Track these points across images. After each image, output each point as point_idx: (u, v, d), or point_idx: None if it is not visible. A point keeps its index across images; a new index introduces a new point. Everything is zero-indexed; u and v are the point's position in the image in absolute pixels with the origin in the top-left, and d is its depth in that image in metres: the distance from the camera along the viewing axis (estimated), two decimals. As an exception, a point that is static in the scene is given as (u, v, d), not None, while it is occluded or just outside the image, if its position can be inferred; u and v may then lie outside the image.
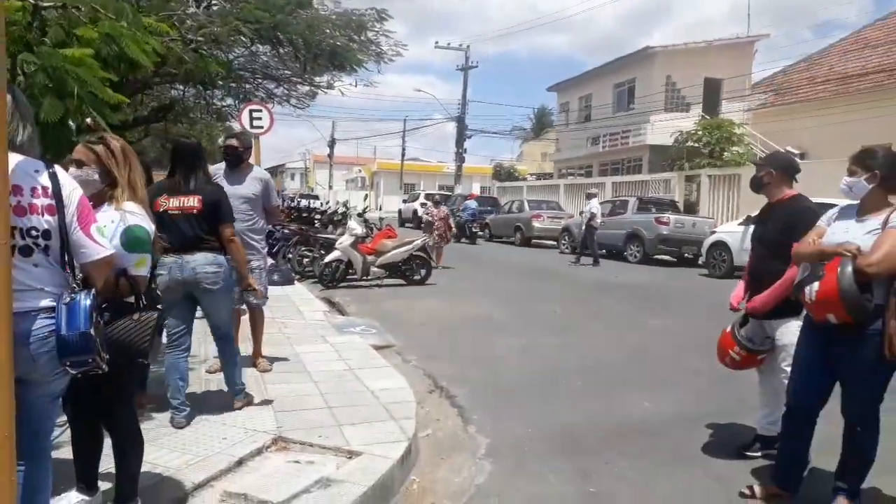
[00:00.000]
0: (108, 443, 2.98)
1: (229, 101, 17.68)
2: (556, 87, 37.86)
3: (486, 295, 11.29)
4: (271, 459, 3.74)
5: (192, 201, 4.25)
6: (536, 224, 22.35)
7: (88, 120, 4.09)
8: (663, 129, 26.68)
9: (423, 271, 12.23)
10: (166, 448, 3.70)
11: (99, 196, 2.80)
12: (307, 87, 17.25)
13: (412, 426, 4.27)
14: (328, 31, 14.91)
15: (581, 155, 34.06)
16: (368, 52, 16.04)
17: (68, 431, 3.06)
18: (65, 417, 2.99)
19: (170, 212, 4.21)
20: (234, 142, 5.40)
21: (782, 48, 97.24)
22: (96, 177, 2.79)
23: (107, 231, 2.63)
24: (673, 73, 29.18)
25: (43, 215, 2.26)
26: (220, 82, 15.13)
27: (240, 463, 3.59)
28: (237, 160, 5.34)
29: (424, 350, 6.98)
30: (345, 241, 11.45)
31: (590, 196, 17.71)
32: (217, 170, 5.34)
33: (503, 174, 41.43)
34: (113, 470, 2.95)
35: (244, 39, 13.56)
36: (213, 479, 3.38)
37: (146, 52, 4.24)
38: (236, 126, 22.84)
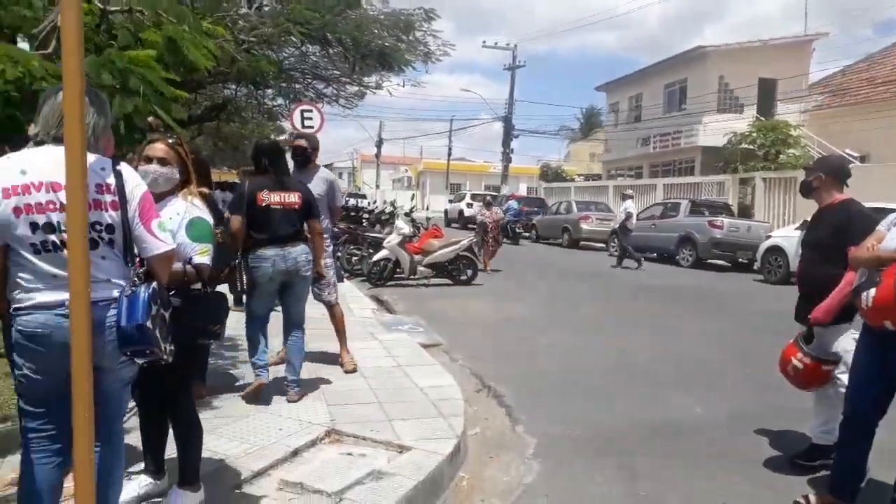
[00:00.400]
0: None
1: (280, 100, 18.05)
2: (605, 87, 37.44)
3: (532, 296, 11.28)
4: (325, 451, 3.83)
5: (294, 197, 4.62)
6: (584, 226, 22.13)
7: (150, 118, 4.25)
8: (716, 130, 26.12)
9: (469, 271, 12.28)
10: (226, 437, 3.83)
11: (169, 190, 2.93)
12: (356, 87, 17.48)
13: (461, 424, 4.32)
14: (376, 31, 15.09)
15: (631, 156, 33.62)
16: (416, 51, 16.17)
17: (135, 418, 3.21)
18: (132, 403, 3.13)
19: (272, 206, 4.54)
20: (302, 142, 5.53)
21: (842, 47, 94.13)
22: (177, 175, 2.93)
23: (171, 223, 2.77)
24: (726, 73, 28.54)
25: (107, 210, 2.36)
26: (272, 82, 15.48)
27: (295, 453, 3.70)
28: (305, 160, 5.48)
29: (471, 349, 7.02)
30: (392, 240, 11.58)
31: (625, 197, 17.59)
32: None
33: (550, 174, 41.17)
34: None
35: (294, 40, 13.82)
36: (270, 467, 3.49)
37: (205, 56, 4.39)
38: (287, 125, 23.30)
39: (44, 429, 2.43)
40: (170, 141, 3.08)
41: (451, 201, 36.16)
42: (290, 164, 5.54)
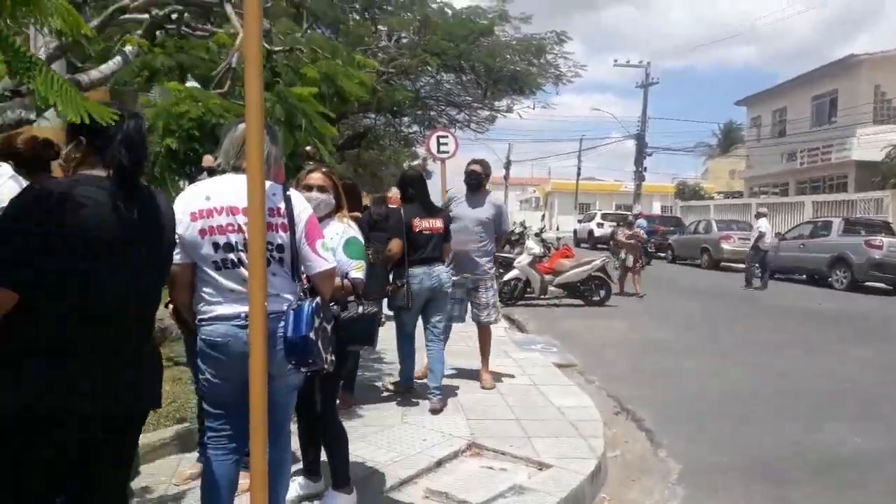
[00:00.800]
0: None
1: (415, 127, 18.80)
2: (746, 101, 35.61)
3: (669, 318, 10.90)
4: (467, 463, 3.94)
5: (438, 223, 5.11)
6: (726, 246, 20.99)
7: (308, 148, 4.62)
8: (872, 143, 24.08)
9: (602, 292, 12.06)
10: (374, 445, 4.04)
11: (326, 214, 3.20)
12: (487, 112, 17.88)
13: (601, 445, 4.28)
14: (508, 56, 15.39)
15: (775, 171, 31.67)
16: (547, 74, 16.30)
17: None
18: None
19: (424, 231, 5.02)
20: (476, 167, 5.72)
21: None
22: (333, 200, 3.20)
23: (332, 243, 3.03)
24: (882, 81, 26.29)
25: (278, 232, 2.61)
26: (408, 110, 16.16)
27: (439, 464, 3.84)
28: (478, 184, 5.67)
29: (606, 371, 6.91)
30: (523, 259, 11.62)
31: (759, 215, 16.68)
32: (458, 193, 5.85)
33: (687, 192, 39.60)
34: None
35: (430, 69, 14.40)
36: (416, 476, 3.65)
37: (358, 86, 4.73)
38: (421, 151, 24.01)
39: (222, 429, 2.67)
40: (323, 170, 3.35)
41: (580, 221, 35.64)
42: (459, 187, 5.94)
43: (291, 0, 9.45)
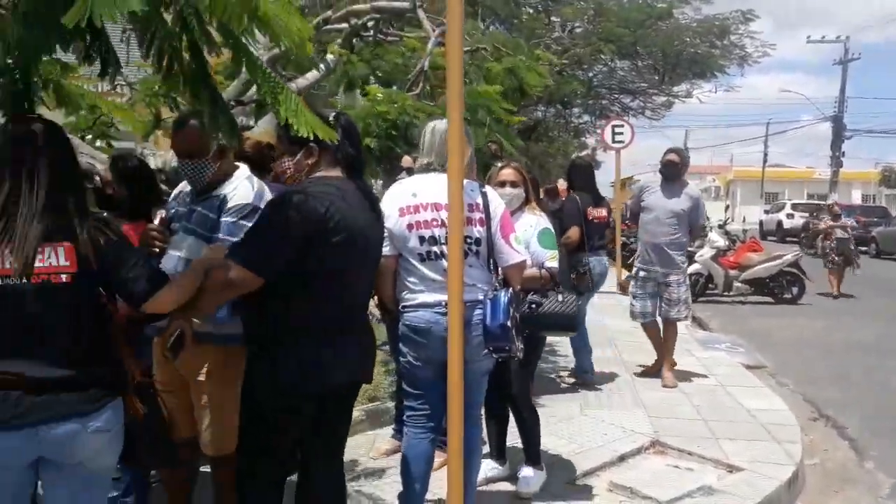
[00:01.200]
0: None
1: (586, 117, 18.49)
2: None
3: (873, 317, 9.85)
4: (650, 460, 3.90)
5: (604, 212, 5.33)
6: (942, 239, 18.57)
7: (491, 145, 4.77)
8: None
9: (794, 289, 11.15)
10: (555, 435, 4.11)
11: (518, 207, 3.32)
12: (663, 98, 17.17)
13: (798, 451, 4.03)
14: (688, 39, 14.66)
15: None
16: (731, 56, 15.33)
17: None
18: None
19: (595, 220, 5.25)
20: (673, 157, 5.59)
21: None
22: (524, 194, 3.32)
23: (526, 234, 3.18)
24: None
25: (476, 226, 2.76)
26: (579, 100, 15.94)
27: (621, 458, 3.84)
28: (674, 175, 5.55)
29: (801, 374, 6.43)
30: (705, 253, 11.05)
31: None
32: (651, 183, 5.86)
33: (894, 179, 35.38)
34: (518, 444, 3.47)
35: (604, 57, 14.10)
36: (598, 468, 3.69)
37: (539, 79, 4.79)
38: (590, 142, 23.58)
39: (420, 408, 2.86)
40: (513, 165, 3.47)
41: (766, 212, 33.09)
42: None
43: (468, -1, 9.73)
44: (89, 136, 4.59)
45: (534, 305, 3.08)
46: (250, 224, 2.33)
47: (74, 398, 1.78)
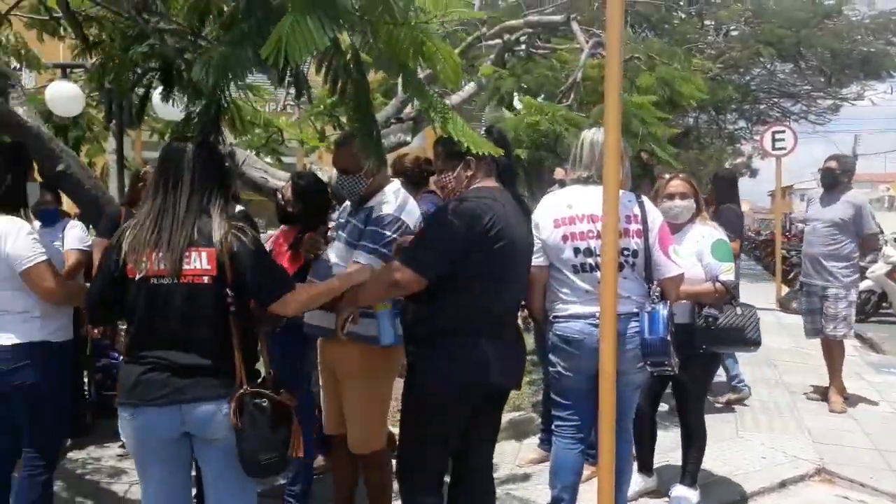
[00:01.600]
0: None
1: (741, 123, 17.51)
2: None
3: None
4: (815, 489, 3.66)
5: None
6: None
7: (643, 154, 4.68)
8: None
9: None
10: (709, 457, 3.85)
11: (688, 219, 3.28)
12: (830, 101, 15.90)
13: None
14: (859, 37, 13.49)
15: None
16: (909, 54, 13.91)
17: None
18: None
19: None
20: (832, 164, 5.25)
21: None
22: (693, 205, 3.25)
23: (698, 246, 3.13)
24: None
25: (633, 238, 2.73)
26: (734, 106, 15.13)
27: (782, 485, 3.63)
28: (832, 183, 5.20)
29: None
30: (878, 268, 10.07)
31: None
32: (811, 192, 5.65)
33: None
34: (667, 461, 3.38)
35: (763, 60, 13.30)
36: (756, 494, 3.52)
37: (695, 90, 4.64)
38: (745, 149, 22.26)
39: (570, 419, 2.87)
40: (681, 176, 3.39)
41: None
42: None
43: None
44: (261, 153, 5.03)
45: (710, 319, 3.02)
46: (390, 233, 2.56)
47: (211, 383, 2.03)
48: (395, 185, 2.82)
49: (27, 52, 3.87)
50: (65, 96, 5.25)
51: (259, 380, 2.12)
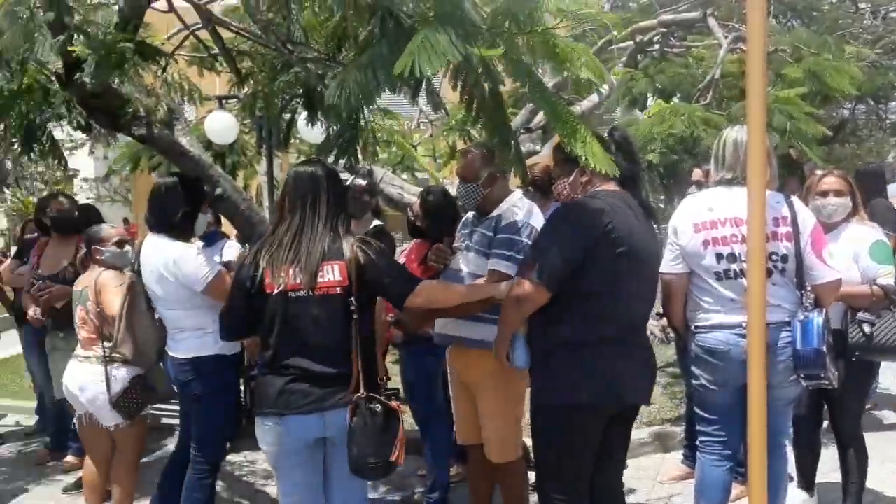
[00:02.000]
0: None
1: (908, 111, 15.87)
2: None
3: None
4: None
5: None
6: None
7: (791, 151, 4.38)
8: None
9: None
10: (874, 477, 3.53)
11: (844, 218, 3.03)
12: None
13: None
14: None
15: None
16: None
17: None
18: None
19: None
20: None
21: None
22: (850, 203, 3.01)
23: (856, 248, 2.87)
24: None
25: (782, 241, 2.54)
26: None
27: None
28: None
29: None
30: None
31: None
32: None
33: None
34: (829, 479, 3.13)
35: (927, 42, 11.98)
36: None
37: (848, 81, 4.26)
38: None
39: (716, 434, 2.71)
40: (836, 172, 3.14)
41: None
42: None
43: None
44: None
45: (866, 326, 2.78)
46: (521, 238, 2.57)
47: (345, 390, 2.15)
48: (518, 193, 2.84)
49: (189, 88, 4.26)
50: (221, 126, 5.68)
51: (381, 386, 2.24)
